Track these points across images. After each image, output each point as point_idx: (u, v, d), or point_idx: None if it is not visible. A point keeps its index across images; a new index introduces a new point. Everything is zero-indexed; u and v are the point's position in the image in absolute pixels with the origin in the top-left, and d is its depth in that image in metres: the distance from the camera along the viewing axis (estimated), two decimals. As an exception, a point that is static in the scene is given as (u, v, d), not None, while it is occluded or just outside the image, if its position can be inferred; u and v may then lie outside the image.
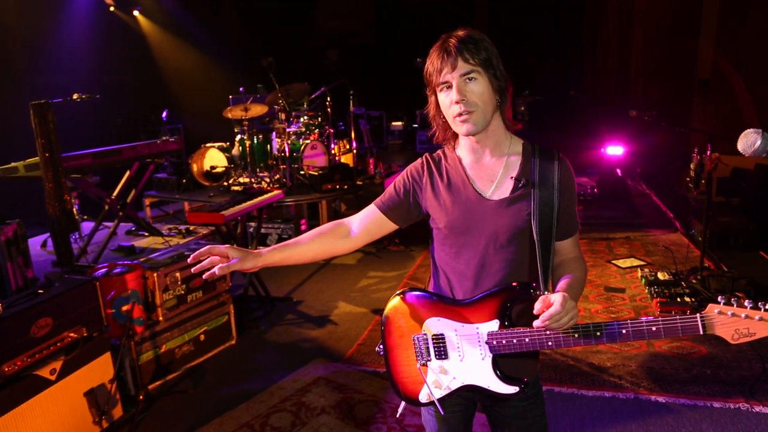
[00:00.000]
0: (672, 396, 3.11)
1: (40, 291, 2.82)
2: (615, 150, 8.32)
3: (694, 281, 4.39)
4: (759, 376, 3.23)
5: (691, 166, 4.91)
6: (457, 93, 1.50)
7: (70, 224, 3.80)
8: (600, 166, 8.70)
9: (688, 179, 5.09)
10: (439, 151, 1.74)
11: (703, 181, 4.75)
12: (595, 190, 7.95)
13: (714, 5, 7.93)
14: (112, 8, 8.95)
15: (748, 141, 1.22)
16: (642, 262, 5.15)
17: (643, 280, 4.61)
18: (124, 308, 3.20)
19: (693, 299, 4.15)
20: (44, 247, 4.71)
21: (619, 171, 8.26)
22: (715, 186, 6.33)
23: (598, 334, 1.44)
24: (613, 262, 5.21)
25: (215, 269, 1.50)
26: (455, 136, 1.67)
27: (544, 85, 11.75)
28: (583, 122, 10.42)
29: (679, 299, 4.15)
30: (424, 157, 1.74)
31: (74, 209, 4.44)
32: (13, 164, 4.09)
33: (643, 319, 1.39)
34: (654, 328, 1.38)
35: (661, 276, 4.55)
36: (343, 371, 3.55)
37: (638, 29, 9.97)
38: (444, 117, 1.61)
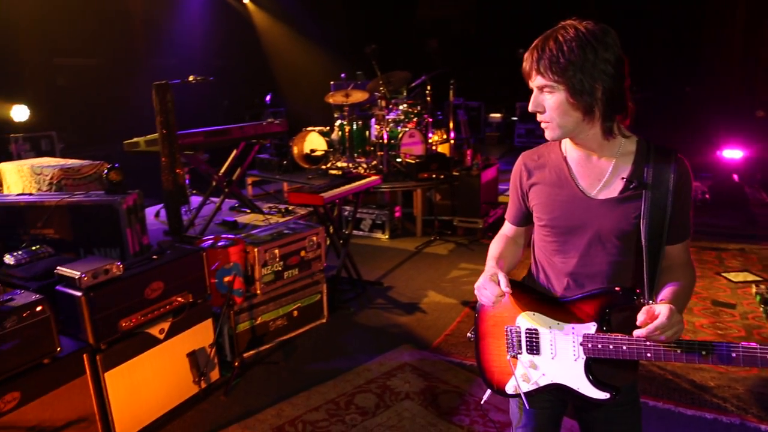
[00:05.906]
0: (784, 424, 2.86)
1: (154, 257, 3.06)
2: (733, 153, 7.67)
3: (817, 302, 4.00)
4: None
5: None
6: (532, 104, 1.47)
7: (182, 197, 4.07)
8: (714, 170, 8.06)
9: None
10: (540, 147, 1.68)
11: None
12: (707, 195, 7.39)
13: None
14: None
15: None
16: (758, 278, 4.74)
17: (758, 298, 4.24)
18: (226, 279, 3.38)
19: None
20: (157, 217, 5.07)
21: (736, 177, 7.62)
22: None
23: (704, 353, 1.33)
24: (724, 274, 4.84)
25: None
26: None
27: (657, 80, 10.98)
28: (698, 122, 9.68)
29: (798, 320, 3.80)
30: (520, 157, 1.69)
31: (185, 183, 4.73)
32: (135, 139, 4.43)
33: (758, 345, 1.27)
34: None
35: (778, 293, 4.18)
36: (429, 359, 3.57)
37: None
38: None
